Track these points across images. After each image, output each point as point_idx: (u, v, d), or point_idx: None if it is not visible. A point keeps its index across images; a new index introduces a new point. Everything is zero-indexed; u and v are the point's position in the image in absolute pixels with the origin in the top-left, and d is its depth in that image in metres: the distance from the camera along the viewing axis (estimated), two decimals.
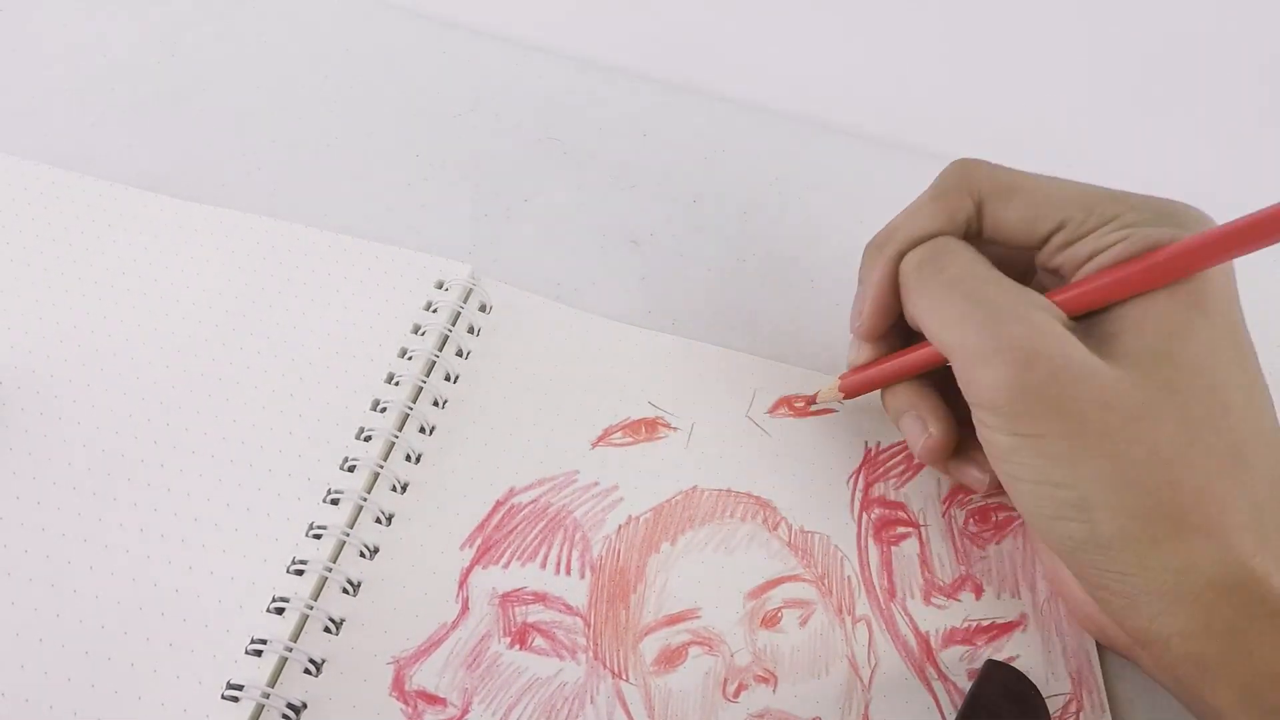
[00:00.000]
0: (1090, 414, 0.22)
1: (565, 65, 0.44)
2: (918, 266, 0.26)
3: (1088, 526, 0.22)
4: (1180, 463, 0.21)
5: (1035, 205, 0.25)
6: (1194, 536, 0.21)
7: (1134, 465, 0.21)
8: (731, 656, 0.27)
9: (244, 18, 0.45)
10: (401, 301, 0.34)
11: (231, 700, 0.26)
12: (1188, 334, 0.22)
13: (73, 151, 0.38)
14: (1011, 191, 0.25)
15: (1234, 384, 0.22)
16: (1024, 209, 0.25)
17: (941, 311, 0.24)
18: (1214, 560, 0.21)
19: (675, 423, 0.32)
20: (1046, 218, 0.24)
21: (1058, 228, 0.24)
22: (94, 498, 0.29)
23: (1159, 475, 0.21)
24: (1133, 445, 0.22)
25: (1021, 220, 0.25)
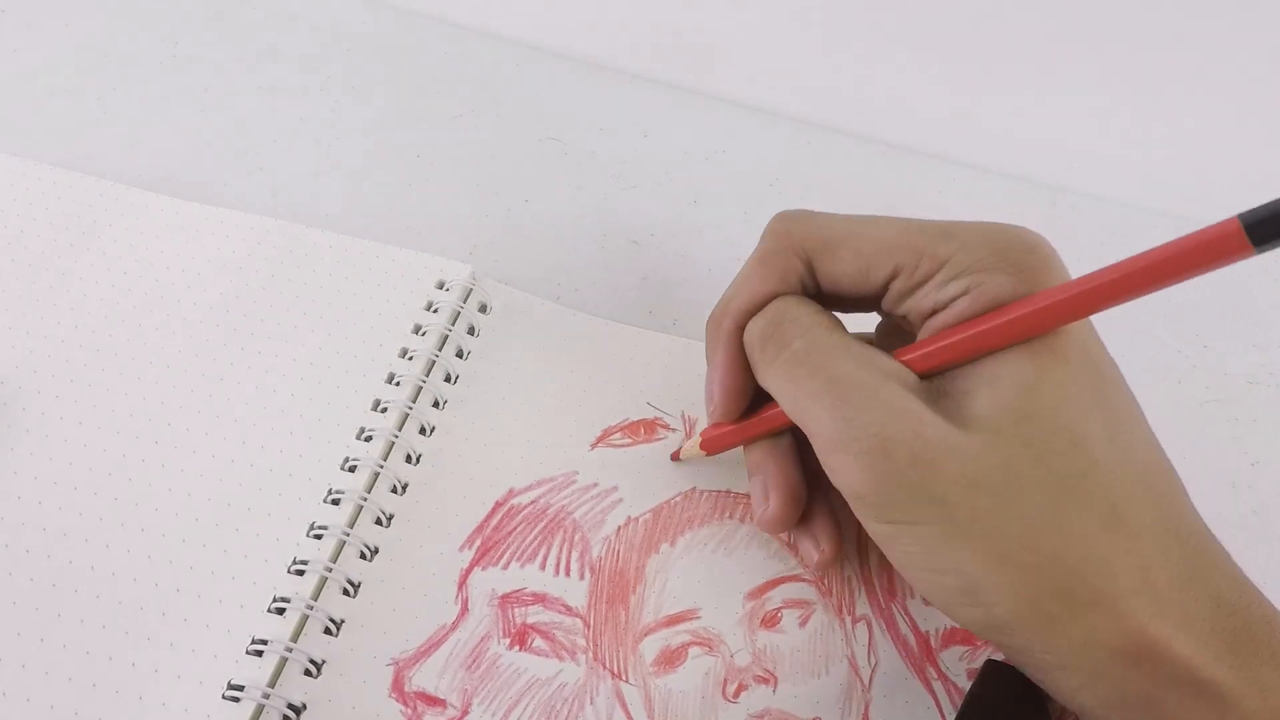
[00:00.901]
0: (956, 496, 0.20)
1: (565, 65, 0.44)
2: (761, 341, 0.24)
3: (981, 611, 0.21)
4: (1055, 533, 0.20)
5: (863, 256, 0.24)
6: (1086, 611, 0.20)
7: (1010, 544, 0.20)
8: (731, 657, 0.27)
9: (244, 18, 0.45)
10: (402, 302, 0.34)
11: (232, 700, 0.26)
12: (1044, 388, 0.21)
13: (73, 151, 0.38)
14: (836, 244, 0.24)
15: (1098, 433, 0.21)
16: (853, 261, 0.24)
17: (791, 391, 0.23)
18: (1112, 632, 0.20)
19: (674, 424, 0.32)
20: (878, 267, 0.23)
21: (892, 275, 0.23)
22: (94, 498, 0.29)
23: (1037, 552, 0.20)
24: (1004, 521, 0.20)
25: (854, 272, 0.24)
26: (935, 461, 0.21)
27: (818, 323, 0.24)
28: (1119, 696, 0.21)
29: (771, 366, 0.24)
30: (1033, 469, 0.20)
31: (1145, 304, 0.39)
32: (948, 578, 0.21)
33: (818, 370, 0.23)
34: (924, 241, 0.23)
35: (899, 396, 0.21)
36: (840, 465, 0.22)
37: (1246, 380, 0.35)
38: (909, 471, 0.21)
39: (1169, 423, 0.34)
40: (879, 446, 0.21)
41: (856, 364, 0.22)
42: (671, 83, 0.44)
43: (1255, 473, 0.33)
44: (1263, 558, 0.31)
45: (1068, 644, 0.20)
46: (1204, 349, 0.36)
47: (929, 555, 0.21)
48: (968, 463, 0.20)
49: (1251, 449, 0.33)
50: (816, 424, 0.22)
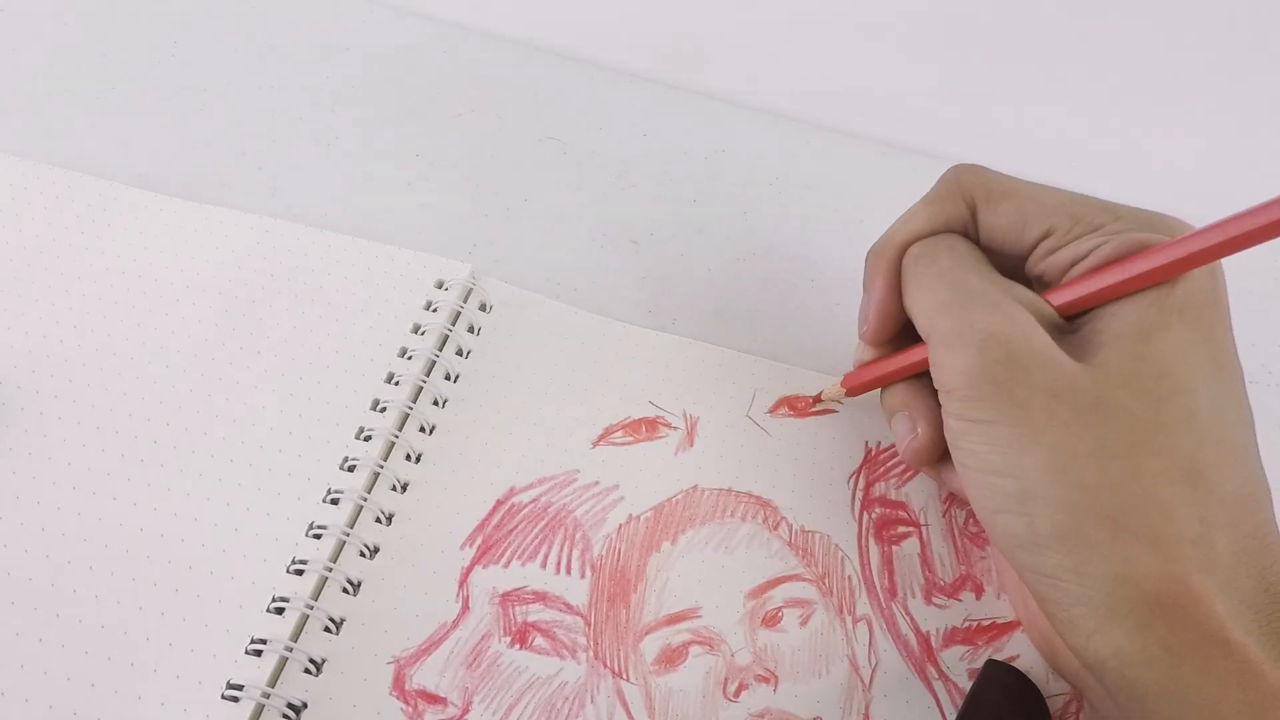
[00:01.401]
0: (1037, 402, 0.21)
1: (565, 65, 0.44)
2: (915, 260, 0.26)
3: (1025, 520, 0.21)
4: (1126, 463, 0.20)
5: (1023, 212, 0.25)
6: (1130, 542, 0.20)
7: (1075, 458, 0.21)
8: (732, 656, 0.27)
9: (244, 18, 0.45)
10: (401, 301, 0.34)
11: (232, 700, 0.26)
12: (1161, 335, 0.21)
13: (73, 151, 0.38)
14: (1002, 197, 0.25)
15: (1203, 392, 0.21)
16: (1012, 215, 0.25)
17: (926, 299, 0.25)
18: (1150, 572, 0.20)
19: (675, 422, 0.32)
20: (1034, 224, 0.24)
21: (1044, 235, 0.24)
22: (94, 497, 0.29)
23: (1101, 473, 0.21)
24: (1078, 438, 0.21)
25: (1010, 226, 0.25)
26: (1027, 366, 0.22)
27: (969, 252, 0.25)
28: (1138, 644, 0.20)
29: (918, 280, 0.25)
30: (1126, 401, 0.21)
31: None
32: (1005, 481, 0.22)
33: (954, 282, 0.24)
34: (1083, 210, 0.24)
35: (1016, 310, 0.22)
36: (942, 359, 0.23)
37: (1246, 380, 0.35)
38: (999, 369, 0.22)
39: None
40: (978, 341, 0.22)
41: (990, 282, 0.24)
42: (671, 83, 0.44)
43: None
44: None
45: (1099, 573, 0.20)
46: None
47: (994, 455, 0.22)
48: (1059, 377, 0.21)
49: None
50: (937, 323, 0.24)
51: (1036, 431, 0.21)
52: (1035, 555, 0.22)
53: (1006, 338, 0.22)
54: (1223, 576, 0.20)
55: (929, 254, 0.25)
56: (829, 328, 0.35)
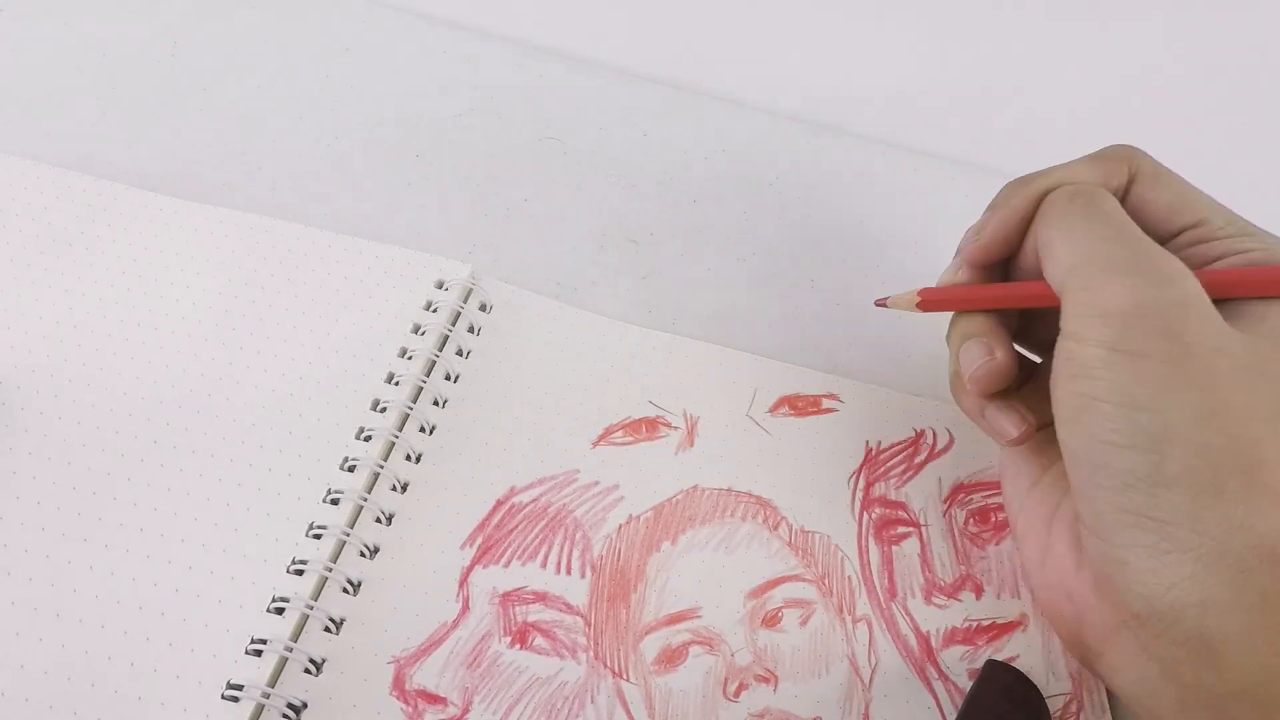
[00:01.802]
0: (1201, 349, 0.22)
1: (565, 65, 0.44)
2: (1069, 196, 0.25)
3: (1155, 459, 0.21)
4: (1269, 425, 0.21)
5: (1181, 196, 0.26)
6: (1261, 497, 0.20)
7: (1227, 409, 0.21)
8: (732, 656, 0.27)
9: (244, 18, 0.45)
10: (401, 301, 0.34)
11: (231, 700, 0.26)
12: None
13: (73, 151, 0.38)
14: (1163, 179, 0.26)
15: None
16: (1169, 196, 0.26)
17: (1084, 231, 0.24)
18: (1271, 526, 0.20)
19: (675, 422, 0.32)
20: (1189, 212, 0.25)
21: (1195, 224, 0.25)
22: (94, 497, 0.29)
23: (1247, 428, 0.21)
24: (1233, 392, 0.21)
25: (1166, 207, 0.26)
26: (1198, 314, 0.22)
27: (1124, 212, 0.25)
28: (1232, 592, 0.20)
29: (1074, 215, 0.25)
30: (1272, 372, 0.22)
31: None
32: (1144, 416, 0.22)
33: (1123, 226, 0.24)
34: (1235, 217, 0.25)
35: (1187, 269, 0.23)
36: (1109, 283, 0.23)
37: None
38: (1172, 310, 0.22)
39: None
40: (1158, 279, 0.22)
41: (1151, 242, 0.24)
42: (671, 83, 0.44)
43: None
44: None
45: (1221, 520, 0.21)
46: None
47: (1138, 390, 0.22)
48: (1221, 333, 0.22)
49: None
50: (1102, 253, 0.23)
51: (1196, 374, 0.21)
52: (1151, 495, 0.21)
53: (1184, 282, 0.22)
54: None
55: (1089, 194, 0.25)
56: (829, 328, 0.35)
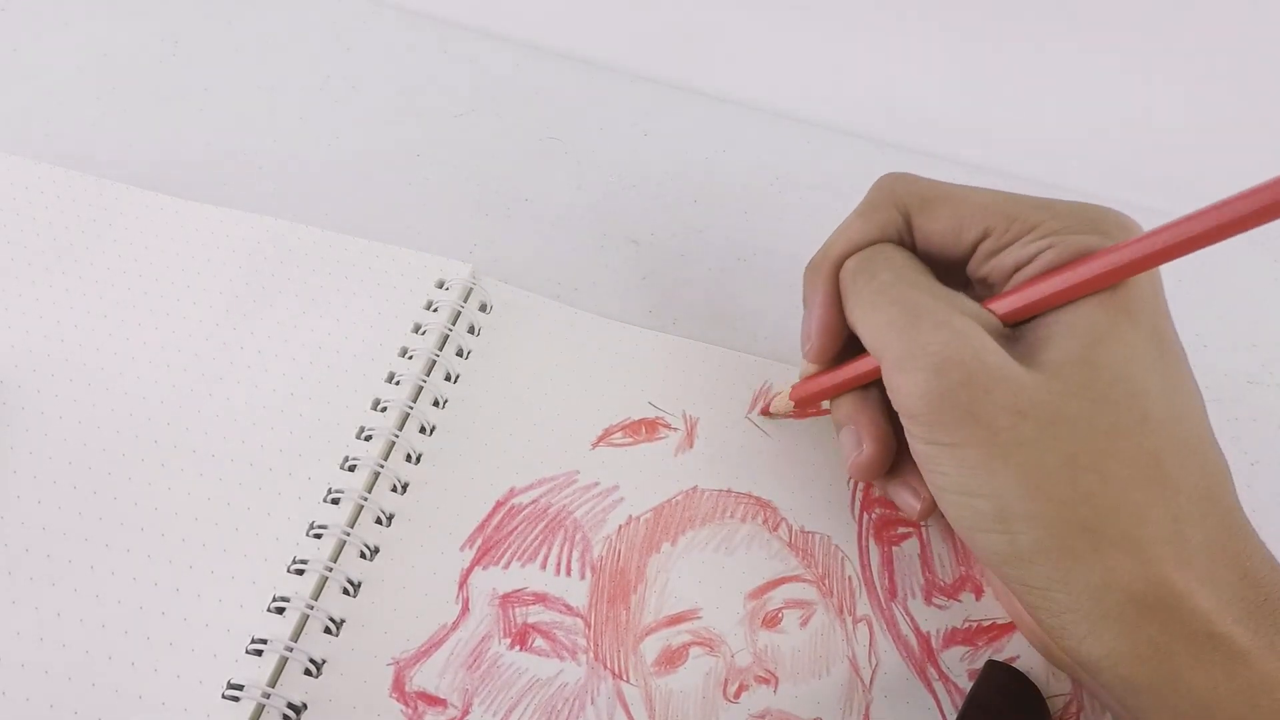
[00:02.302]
0: (1003, 421, 0.21)
1: (565, 65, 0.44)
2: (853, 274, 0.25)
3: (1007, 538, 0.22)
4: (1096, 472, 0.21)
5: (958, 215, 0.24)
6: (1111, 551, 0.20)
7: (1048, 474, 0.21)
8: (732, 657, 0.27)
9: (244, 18, 0.45)
10: (402, 301, 0.34)
11: (232, 700, 0.26)
12: (1111, 340, 0.21)
13: (73, 151, 0.38)
14: (935, 202, 0.25)
15: (1156, 391, 0.21)
16: (947, 219, 0.25)
17: (871, 318, 0.24)
18: (1133, 576, 0.20)
19: (675, 423, 0.32)
20: (970, 227, 0.24)
21: (982, 236, 0.24)
22: (94, 497, 0.29)
23: (1074, 486, 0.21)
24: (1046, 453, 0.21)
25: (946, 230, 0.25)
26: (987, 385, 0.21)
27: (908, 263, 0.25)
28: (1128, 645, 0.21)
29: (860, 296, 0.25)
30: (1085, 410, 0.21)
31: None
32: (981, 501, 0.22)
33: (898, 299, 0.23)
34: (1018, 209, 0.24)
35: (967, 326, 0.22)
36: (900, 383, 0.23)
37: (1246, 380, 0.35)
38: (960, 391, 0.21)
39: None
40: (936, 365, 0.22)
41: (935, 297, 0.23)
42: (671, 83, 0.44)
43: (1254, 473, 0.33)
44: None
45: (1085, 583, 0.21)
46: (1203, 348, 0.36)
47: (967, 478, 0.22)
48: (1019, 393, 0.21)
49: (1250, 449, 0.33)
50: (886, 344, 0.23)
51: (1005, 451, 0.21)
52: (1020, 569, 0.22)
53: (961, 358, 0.22)
54: (1200, 570, 0.20)
55: (867, 268, 0.25)
56: None
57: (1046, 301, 0.22)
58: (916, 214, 0.25)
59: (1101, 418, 0.21)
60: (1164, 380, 0.22)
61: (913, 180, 0.26)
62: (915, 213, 0.25)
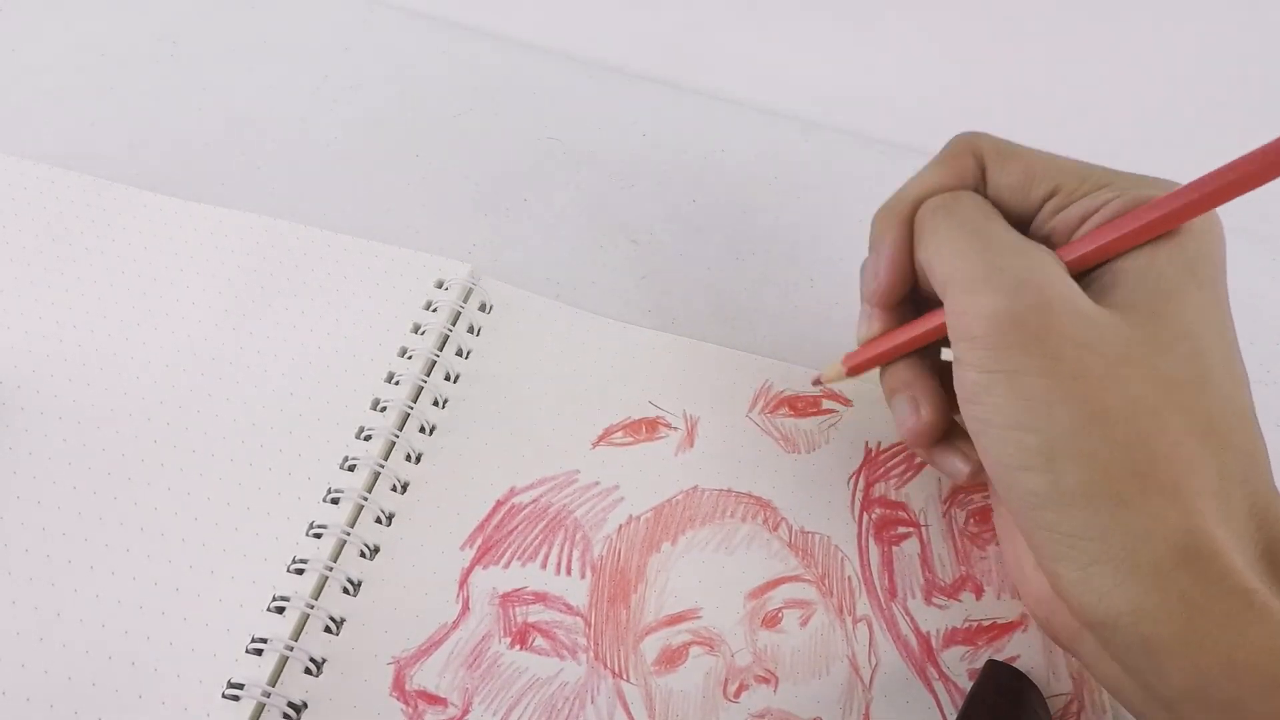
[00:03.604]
0: (1069, 352, 0.21)
1: (565, 65, 0.44)
2: (932, 211, 0.25)
3: (1051, 478, 0.21)
4: (1154, 419, 0.21)
5: (1031, 171, 0.25)
6: (1158, 497, 0.20)
7: (1107, 414, 0.21)
8: (732, 656, 0.27)
9: (244, 18, 0.45)
10: (401, 301, 0.34)
11: (232, 699, 0.26)
12: (1180, 296, 0.22)
13: (73, 151, 0.38)
14: (1010, 156, 0.26)
15: (1216, 354, 0.22)
16: (1020, 174, 0.25)
17: (946, 247, 0.24)
18: (1176, 526, 0.20)
19: (675, 422, 0.32)
20: (1041, 183, 0.25)
21: (1051, 193, 0.24)
22: (94, 497, 0.29)
23: (1131, 428, 0.20)
24: (1108, 393, 0.21)
25: (1018, 185, 0.25)
26: (1059, 315, 0.21)
27: (986, 204, 0.25)
28: (1157, 598, 0.20)
29: (938, 232, 0.25)
30: (1151, 356, 0.21)
31: None
32: (1030, 436, 0.21)
33: (979, 230, 0.24)
34: (1088, 171, 0.24)
35: (1046, 259, 0.22)
36: (968, 305, 0.22)
37: None
38: (1031, 317, 0.21)
39: None
40: (1012, 286, 0.22)
41: (1013, 234, 0.23)
42: (670, 82, 0.44)
43: None
44: None
45: (1126, 530, 0.20)
46: None
47: (1020, 409, 0.21)
48: (1089, 327, 0.21)
49: None
50: (958, 268, 0.23)
51: (1068, 383, 0.21)
52: (1058, 512, 0.21)
53: (1039, 283, 0.22)
54: (1238, 528, 0.21)
55: (947, 205, 0.25)
56: (829, 328, 0.35)
57: (1114, 246, 0.23)
58: (991, 165, 0.26)
59: (1166, 366, 0.21)
60: (1223, 345, 0.22)
61: (990, 137, 0.26)
62: (990, 164, 0.26)
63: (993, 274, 0.22)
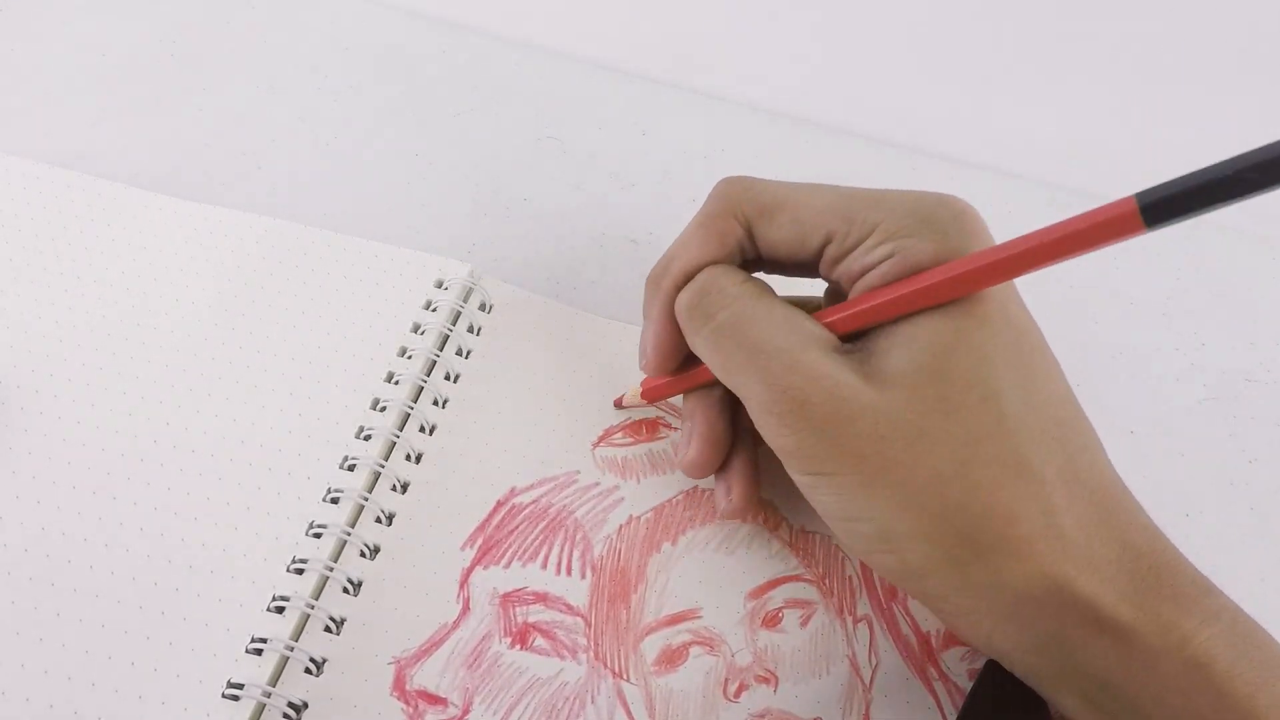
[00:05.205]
0: (868, 448, 0.21)
1: (565, 65, 0.44)
2: (689, 310, 0.25)
3: (896, 557, 0.22)
4: (962, 481, 0.21)
5: (799, 222, 0.24)
6: (991, 555, 0.21)
7: (918, 492, 0.21)
8: (732, 656, 0.27)
9: (244, 18, 0.45)
10: (401, 301, 0.34)
11: (232, 699, 0.26)
12: (959, 346, 0.21)
13: (73, 151, 0.38)
14: (774, 209, 0.25)
15: (1009, 387, 0.21)
16: (789, 226, 0.24)
17: (718, 360, 0.24)
18: (1016, 574, 0.21)
19: (676, 423, 0.32)
20: (811, 233, 0.24)
21: (825, 241, 0.24)
22: (94, 497, 0.29)
23: (944, 498, 0.21)
24: (913, 471, 0.21)
25: (790, 238, 0.24)
26: (849, 417, 0.22)
27: (743, 292, 0.24)
28: (1030, 637, 0.22)
29: (699, 335, 0.25)
30: (942, 423, 0.21)
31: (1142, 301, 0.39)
32: (863, 525, 0.22)
33: (742, 341, 0.24)
34: (855, 209, 0.23)
35: (817, 361, 0.22)
36: (766, 426, 0.23)
37: (1244, 378, 0.35)
38: (825, 428, 0.22)
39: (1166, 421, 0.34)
40: (798, 408, 0.22)
41: (777, 331, 0.23)
42: (671, 82, 0.44)
43: (1253, 471, 0.33)
44: (1260, 555, 0.31)
45: (976, 588, 0.21)
46: (1201, 347, 0.36)
47: (846, 504, 0.23)
48: (879, 419, 0.21)
49: (1249, 447, 0.33)
50: (745, 390, 0.24)
51: (876, 476, 0.22)
52: (916, 583, 0.23)
53: (821, 399, 0.22)
54: (1078, 556, 0.21)
55: (701, 306, 0.25)
56: None
57: (886, 314, 0.22)
58: (757, 223, 0.25)
59: (958, 427, 0.21)
60: (1018, 376, 0.22)
61: (751, 186, 0.25)
62: (755, 221, 0.25)
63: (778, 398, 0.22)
